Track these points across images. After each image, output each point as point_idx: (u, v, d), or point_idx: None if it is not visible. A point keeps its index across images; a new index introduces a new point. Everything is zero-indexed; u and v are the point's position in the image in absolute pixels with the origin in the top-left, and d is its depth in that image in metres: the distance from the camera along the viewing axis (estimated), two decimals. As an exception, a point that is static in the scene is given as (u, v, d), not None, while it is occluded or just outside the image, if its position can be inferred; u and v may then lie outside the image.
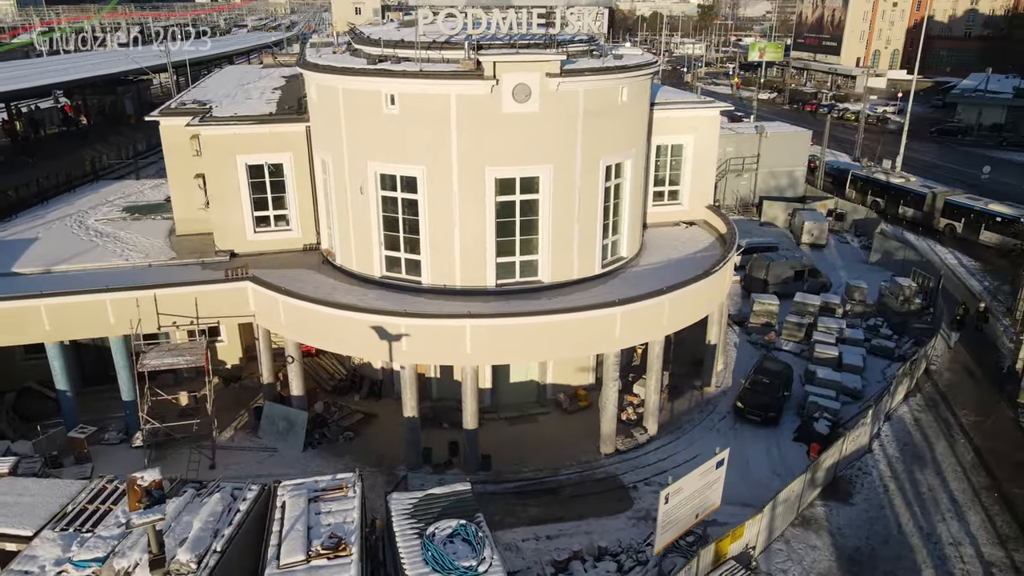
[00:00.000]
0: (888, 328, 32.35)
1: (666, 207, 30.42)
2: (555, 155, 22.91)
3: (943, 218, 47.00)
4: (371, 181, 23.36)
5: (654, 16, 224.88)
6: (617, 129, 24.24)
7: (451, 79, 21.52)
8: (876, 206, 51.15)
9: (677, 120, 29.15)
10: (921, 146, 71.09)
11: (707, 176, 30.68)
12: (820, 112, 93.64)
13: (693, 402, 26.79)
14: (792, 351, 30.66)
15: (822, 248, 43.76)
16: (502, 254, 23.67)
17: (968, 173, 61.68)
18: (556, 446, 23.79)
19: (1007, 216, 43.33)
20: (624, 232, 26.13)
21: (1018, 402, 27.15)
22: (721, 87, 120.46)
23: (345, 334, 21.64)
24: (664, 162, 29.95)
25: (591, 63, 23.05)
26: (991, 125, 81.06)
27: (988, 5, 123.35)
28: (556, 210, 23.45)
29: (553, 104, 22.24)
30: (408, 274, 24.20)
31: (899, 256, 39.83)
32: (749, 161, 49.73)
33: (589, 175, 23.75)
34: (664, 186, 30.32)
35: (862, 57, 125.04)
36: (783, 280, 35.73)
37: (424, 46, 23.02)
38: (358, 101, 22.83)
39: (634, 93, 24.36)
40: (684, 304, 23.27)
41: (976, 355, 31.07)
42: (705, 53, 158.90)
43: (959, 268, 41.37)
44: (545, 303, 22.90)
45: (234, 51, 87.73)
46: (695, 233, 29.77)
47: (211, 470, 22.13)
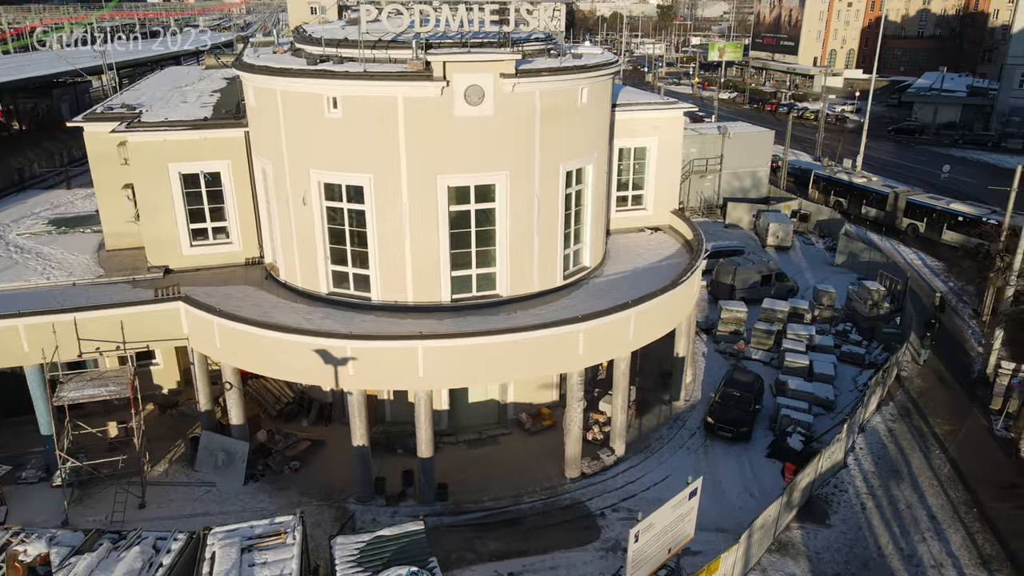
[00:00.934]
0: (857, 333, 31.63)
1: (630, 212, 29.23)
2: (512, 161, 21.48)
3: (905, 218, 46.79)
4: (314, 191, 21.63)
5: (614, 16, 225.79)
6: (577, 132, 22.90)
7: (398, 80, 19.93)
8: (839, 206, 50.83)
9: (640, 122, 27.98)
10: (879, 145, 71.52)
11: (671, 180, 29.55)
12: (780, 112, 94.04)
13: (662, 418, 25.58)
14: (762, 359, 29.70)
15: (787, 250, 43.12)
16: (457, 267, 22.15)
17: (927, 172, 62.00)
18: (518, 471, 22.34)
19: (969, 216, 43.18)
20: (587, 241, 24.81)
21: (990, 408, 26.54)
22: (682, 87, 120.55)
23: (286, 359, 19.89)
24: (627, 166, 28.75)
25: (548, 63, 21.66)
26: (946, 123, 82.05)
27: (940, 5, 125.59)
28: (514, 219, 22.02)
29: (508, 106, 20.80)
30: (357, 290, 22.53)
31: (865, 258, 39.32)
32: (712, 162, 48.98)
33: (548, 182, 22.36)
34: (627, 191, 29.11)
35: (819, 57, 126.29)
36: (750, 285, 34.84)
37: (369, 45, 21.37)
38: (298, 105, 21.09)
39: (594, 94, 23.05)
40: (651, 318, 22.01)
41: (946, 359, 30.47)
42: (666, 53, 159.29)
43: (923, 269, 41.05)
44: (503, 320, 21.46)
45: (172, 53, 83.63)
46: (660, 239, 28.61)
47: (140, 510, 20.20)
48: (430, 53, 20.06)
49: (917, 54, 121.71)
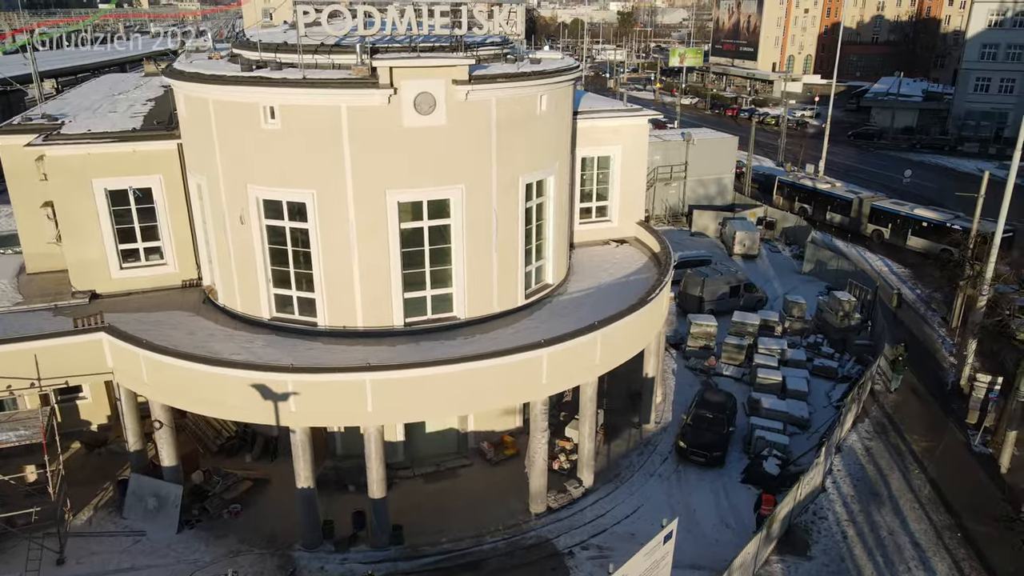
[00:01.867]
0: (829, 345, 30.77)
1: (594, 224, 27.94)
2: (467, 174, 19.98)
3: (870, 224, 46.45)
4: (253, 208, 19.85)
5: (575, 23, 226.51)
6: (537, 142, 21.51)
7: (340, 88, 18.29)
8: (804, 212, 50.37)
9: (603, 130, 26.73)
10: (840, 149, 71.67)
11: (637, 189, 28.34)
12: (742, 117, 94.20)
13: (631, 442, 24.25)
14: (733, 376, 28.60)
15: (754, 258, 42.33)
16: (410, 288, 20.56)
17: (888, 176, 62.16)
18: (480, 506, 20.76)
19: (933, 221, 42.93)
20: (549, 257, 23.42)
21: (967, 422, 25.79)
22: (643, 93, 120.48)
23: (220, 395, 18.03)
24: (590, 176, 27.47)
25: (505, 68, 20.22)
26: (904, 128, 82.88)
27: (893, 12, 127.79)
28: (471, 236, 20.51)
29: (462, 115, 19.30)
30: (302, 315, 20.78)
31: (832, 266, 38.66)
32: (677, 169, 48.12)
33: (507, 195, 20.92)
34: (591, 202, 27.82)
35: (777, 62, 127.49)
36: (719, 296, 33.83)
37: (310, 50, 19.71)
38: (232, 115, 19.31)
39: (554, 101, 21.69)
40: (619, 339, 20.66)
41: (918, 370, 29.75)
42: (627, 59, 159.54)
43: (890, 276, 40.58)
44: (460, 345, 19.91)
45: (116, 60, 79.68)
46: (626, 252, 27.36)
47: (58, 567, 18.13)
48: (376, 58, 18.48)
49: (872, 59, 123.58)
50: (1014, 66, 75.26)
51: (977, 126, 77.75)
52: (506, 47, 21.85)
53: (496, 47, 21.54)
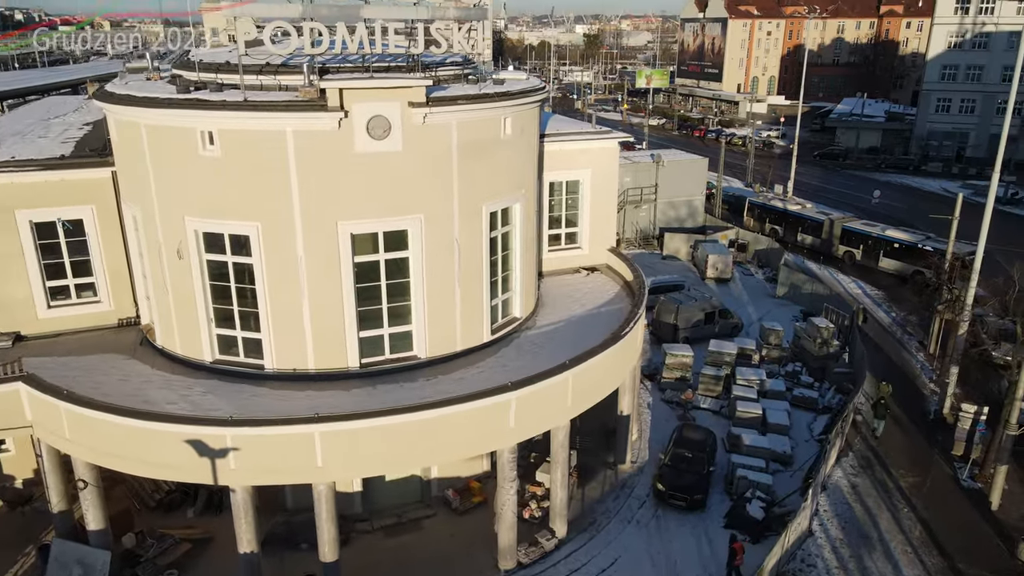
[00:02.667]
0: (808, 374, 29.74)
1: (564, 252, 26.66)
2: (426, 203, 18.53)
3: (842, 245, 45.96)
4: (192, 242, 18.16)
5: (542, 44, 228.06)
6: (501, 168, 20.17)
7: (286, 111, 16.78)
8: (775, 234, 49.82)
9: (571, 153, 25.55)
10: (807, 170, 71.80)
11: (607, 215, 27.17)
12: (709, 137, 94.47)
13: (607, 485, 22.78)
14: (711, 408, 27.36)
15: (727, 282, 41.44)
16: (366, 327, 18.97)
17: (856, 196, 62.16)
18: (444, 564, 19.07)
19: (904, 242, 42.53)
20: (516, 289, 22.01)
21: (953, 454, 24.82)
22: (611, 114, 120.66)
23: (150, 453, 16.17)
24: (559, 201, 26.23)
25: (465, 89, 18.90)
26: (869, 148, 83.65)
27: (853, 34, 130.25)
28: (431, 269, 19.02)
29: (419, 140, 17.90)
30: (248, 356, 19.04)
31: (807, 289, 37.89)
32: (647, 191, 47.26)
33: (470, 225, 19.50)
34: (560, 228, 26.57)
35: (742, 83, 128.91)
36: (693, 323, 32.70)
37: (254, 70, 18.22)
38: (167, 141, 17.65)
39: (520, 124, 20.41)
40: (592, 379, 19.26)
41: (898, 397, 28.84)
42: (594, 80, 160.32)
43: (864, 298, 39.93)
44: (421, 387, 18.35)
45: (65, 83, 75.93)
46: (598, 281, 26.08)
47: (-36, 652, 16.03)
48: (325, 79, 17.03)
49: (834, 80, 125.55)
50: (974, 87, 76.44)
51: (939, 146, 78.67)
52: (468, 67, 20.55)
53: (457, 67, 20.23)
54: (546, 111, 26.68)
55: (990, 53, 74.81)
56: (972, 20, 74.57)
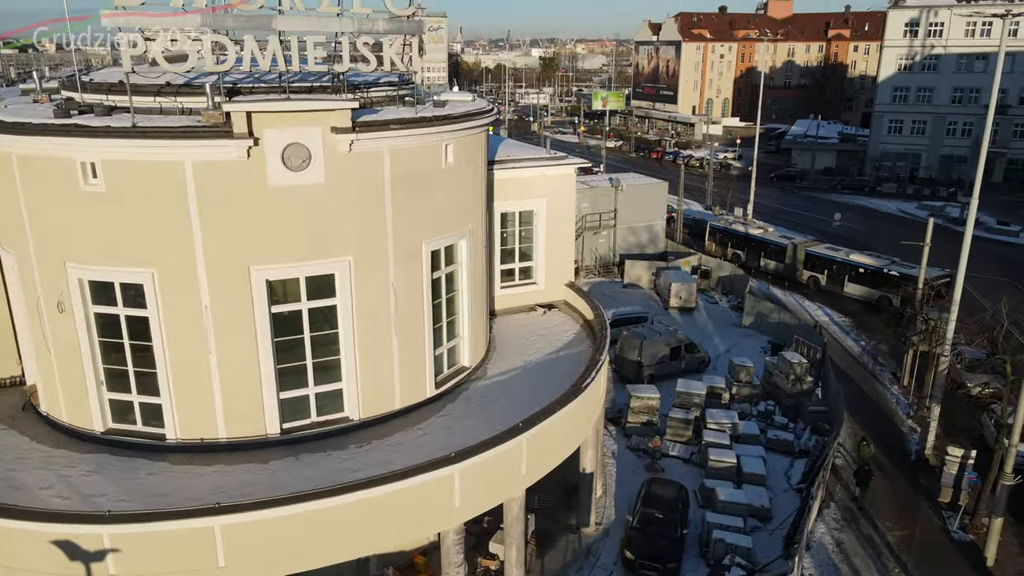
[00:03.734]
0: (781, 413, 27.86)
1: (518, 288, 24.39)
2: (355, 243, 16.07)
3: (806, 270, 44.70)
4: (75, 292, 15.34)
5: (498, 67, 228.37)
6: (443, 200, 17.82)
7: (183, 139, 14.20)
8: (737, 259, 48.44)
9: (524, 181, 23.39)
10: (765, 191, 71.05)
11: (564, 247, 25.03)
12: (666, 159, 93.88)
13: (569, 552, 20.32)
14: (680, 455, 25.18)
15: (692, 311, 39.63)
16: (288, 386, 16.31)
17: (816, 218, 61.46)
18: (383, 662, 16.35)
19: (869, 267, 41.38)
20: (464, 334, 19.60)
21: (940, 502, 23.05)
22: (567, 136, 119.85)
23: (12, 556, 13.18)
24: (511, 234, 23.99)
25: (400, 113, 16.55)
26: (824, 169, 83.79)
27: (803, 57, 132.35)
28: (363, 318, 16.51)
29: (345, 171, 15.47)
30: (146, 425, 16.20)
31: (774, 319, 36.26)
32: (606, 217, 45.43)
33: (408, 266, 17.07)
34: (514, 262, 24.31)
35: (697, 105, 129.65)
36: (659, 360, 30.65)
37: (153, 90, 15.63)
38: (43, 174, 14.87)
39: (464, 151, 18.13)
40: (550, 441, 16.89)
41: (874, 434, 27.14)
42: (550, 103, 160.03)
43: (831, 326, 38.52)
44: (352, 456, 15.78)
45: None
46: (555, 320, 23.85)
47: None
48: (233, 101, 14.51)
49: (786, 103, 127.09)
50: (924, 108, 77.15)
51: (893, 167, 79.13)
52: (404, 87, 18.21)
53: (392, 87, 17.89)
54: (499, 135, 24.49)
55: (939, 75, 75.67)
56: (921, 43, 75.42)
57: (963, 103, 75.34)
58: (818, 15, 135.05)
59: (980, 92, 74.23)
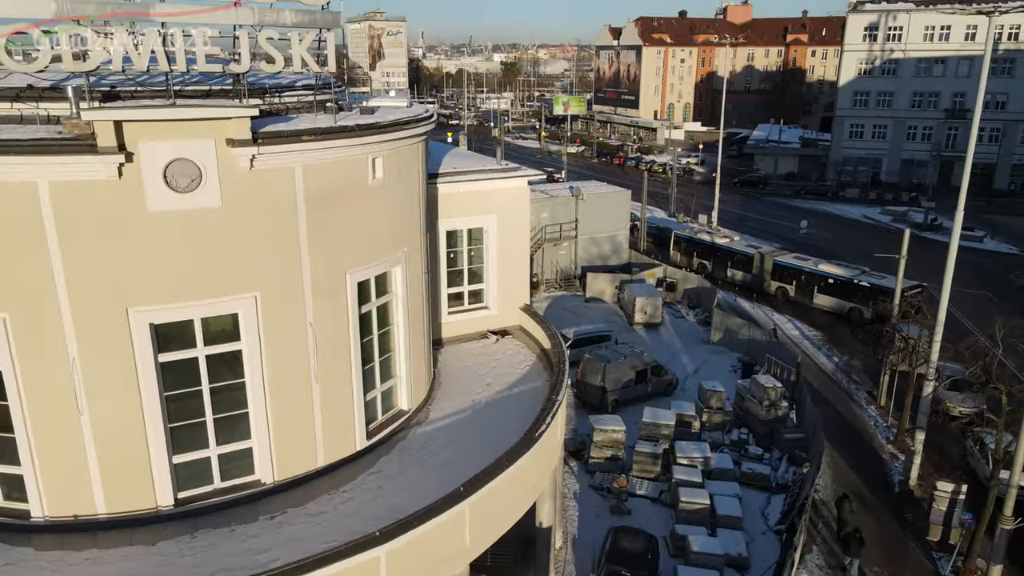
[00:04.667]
0: (755, 442, 25.87)
1: (467, 314, 21.97)
2: (262, 276, 13.46)
3: (773, 280, 43.08)
4: (-89, 341, 12.44)
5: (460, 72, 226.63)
6: (372, 222, 15.31)
7: (35, 154, 11.46)
8: (703, 268, 46.70)
9: (472, 196, 21.03)
10: (728, 197, 69.81)
11: (518, 267, 22.68)
12: (629, 165, 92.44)
13: (526, 619, 17.94)
14: (648, 494, 22.98)
15: (657, 327, 37.65)
16: (184, 448, 13.60)
17: (781, 225, 60.26)
18: None
19: (839, 277, 39.88)
20: (402, 373, 17.09)
21: (929, 540, 21.20)
22: (529, 142, 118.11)
23: None
24: (459, 254, 21.59)
25: (316, 121, 14.00)
26: (787, 174, 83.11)
27: (762, 62, 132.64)
28: (275, 364, 13.90)
29: (247, 192, 12.87)
30: (7, 501, 13.34)
31: (743, 335, 34.42)
32: (567, 227, 43.26)
33: (329, 300, 14.51)
34: (462, 285, 21.89)
35: (658, 110, 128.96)
36: (624, 384, 28.47)
37: (10, 95, 12.89)
38: None
39: (396, 165, 15.65)
40: (499, 502, 14.45)
41: (851, 460, 25.35)
42: (511, 107, 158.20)
43: (803, 341, 36.87)
44: (260, 531, 13.12)
45: None
46: (509, 349, 21.48)
47: None
48: (99, 108, 11.84)
49: (746, 107, 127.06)
50: (885, 112, 76.87)
51: (855, 171, 78.73)
52: (324, 91, 15.66)
53: (308, 91, 15.34)
54: (446, 144, 22.05)
55: (899, 79, 75.44)
56: (881, 47, 75.10)
57: (923, 107, 75.22)
58: (776, 20, 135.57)
59: (939, 96, 74.19)
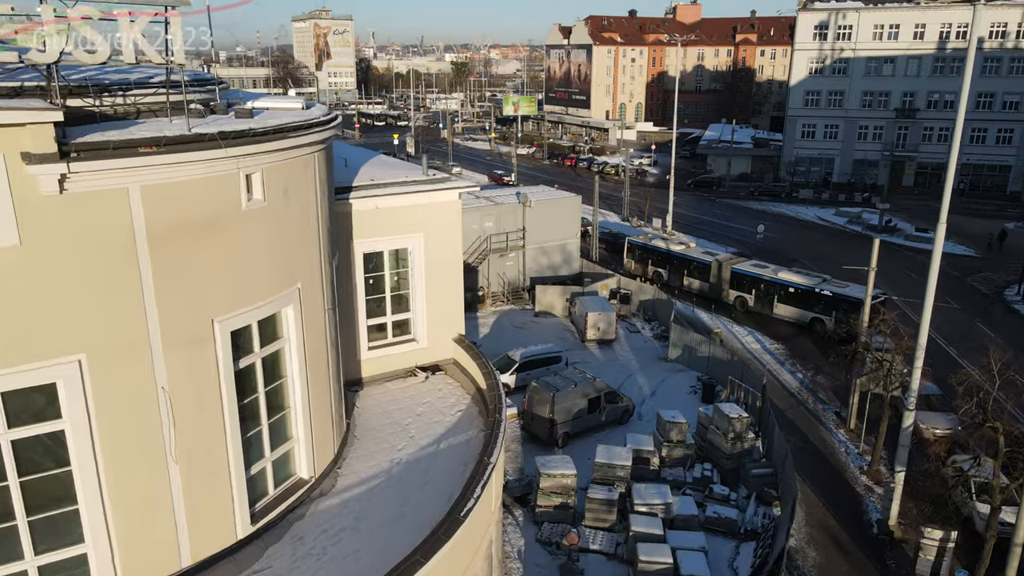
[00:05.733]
0: (720, 480, 23.37)
1: (391, 348, 18.96)
2: (87, 333, 10.19)
3: (732, 290, 40.96)
4: None
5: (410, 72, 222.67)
6: (250, 255, 12.13)
7: None
8: (659, 277, 44.39)
9: (395, 212, 18.04)
10: (682, 199, 67.83)
11: (451, 292, 19.76)
12: (580, 166, 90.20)
13: None
14: (603, 548, 20.23)
15: (611, 343, 35.07)
16: (-10, 561, 10.29)
17: (738, 229, 58.50)
18: None
19: (800, 287, 37.91)
20: (300, 435, 13.94)
21: (915, 592, 18.97)
22: (479, 143, 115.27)
23: None
24: (381, 279, 18.54)
25: (167, 129, 10.77)
26: (740, 175, 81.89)
27: (712, 62, 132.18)
28: (114, 444, 10.65)
29: (59, 224, 9.61)
30: None
31: (703, 352, 32.03)
32: (514, 237, 40.37)
33: (191, 356, 11.29)
34: (385, 315, 18.86)
35: (610, 110, 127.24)
36: (575, 415, 25.72)
37: None
38: None
39: (283, 182, 12.51)
40: (410, 613, 11.45)
41: (823, 494, 23.08)
42: (461, 108, 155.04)
43: (764, 355, 34.73)
44: None
45: None
46: (439, 390, 18.54)
47: None
48: None
49: (698, 107, 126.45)
50: (836, 112, 76.10)
51: (807, 172, 77.84)
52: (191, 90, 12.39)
53: (160, 88, 12.06)
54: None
55: (849, 79, 74.73)
56: (831, 46, 74.25)
57: (873, 107, 74.66)
58: (725, 20, 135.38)
59: (889, 96, 73.69)
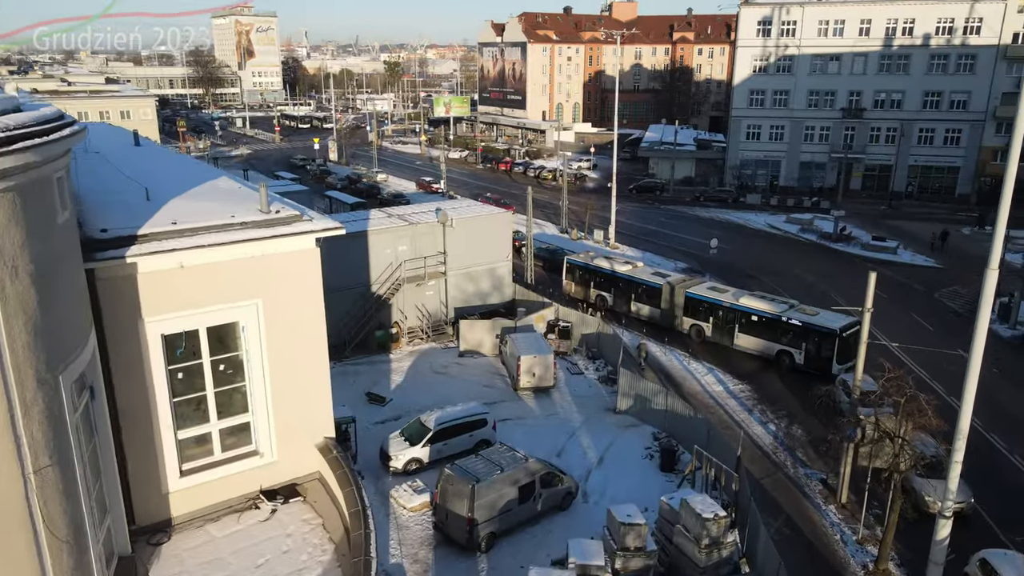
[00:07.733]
0: (692, 599, 17.80)
1: (220, 468, 12.85)
2: None
3: (686, 317, 35.71)
4: None
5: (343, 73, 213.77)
6: None
7: None
8: (603, 301, 38.91)
9: (209, 272, 11.91)
10: (624, 206, 62.74)
11: (311, 379, 13.68)
12: (516, 171, 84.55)
13: None
14: None
15: (549, 391, 29.30)
16: None
17: (688, 241, 53.60)
18: None
19: (764, 314, 32.90)
20: None
21: None
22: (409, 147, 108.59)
23: None
24: (193, 372, 12.30)
25: None
26: (684, 179, 77.58)
27: (650, 61, 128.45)
28: None
29: None
30: None
31: (659, 403, 26.55)
32: (433, 262, 34.19)
33: None
34: (208, 422, 12.63)
35: (547, 110, 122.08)
36: (502, 510, 19.79)
37: None
38: None
39: None
40: None
41: None
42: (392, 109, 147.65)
43: (729, 400, 29.49)
44: None
45: None
46: (290, 531, 12.46)
47: None
48: None
49: (637, 107, 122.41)
50: (782, 112, 72.39)
51: (753, 175, 74.03)
52: None
53: None
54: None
55: (794, 77, 71.09)
56: (775, 43, 70.50)
57: (819, 107, 71.20)
58: (662, 17, 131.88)
59: (835, 95, 70.38)
